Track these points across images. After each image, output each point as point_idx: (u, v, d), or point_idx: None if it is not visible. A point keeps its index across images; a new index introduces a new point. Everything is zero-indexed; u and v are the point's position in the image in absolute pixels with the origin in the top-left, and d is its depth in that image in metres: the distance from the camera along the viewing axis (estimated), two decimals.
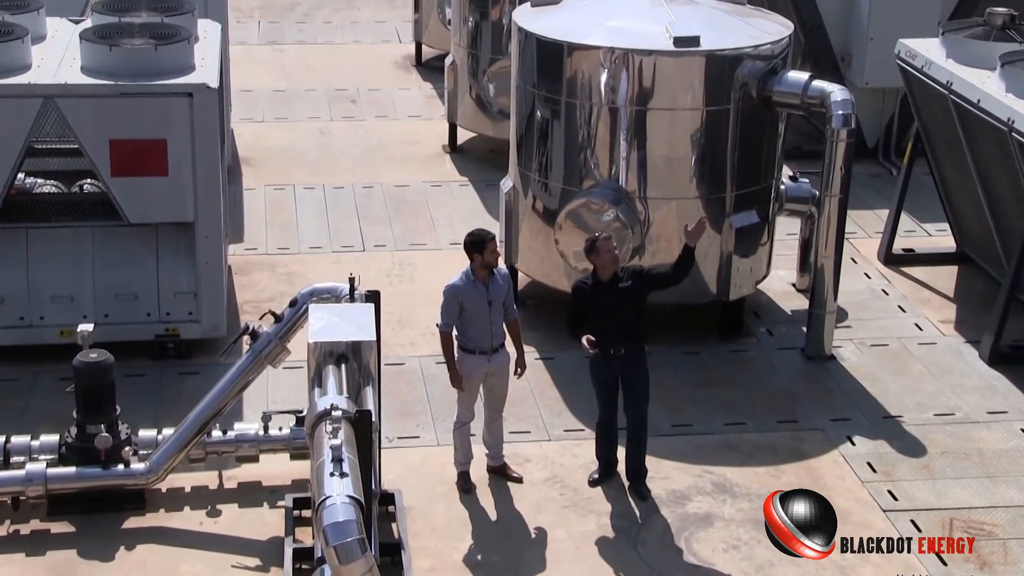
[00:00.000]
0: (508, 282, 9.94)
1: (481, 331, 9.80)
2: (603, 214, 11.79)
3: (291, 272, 13.65)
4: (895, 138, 16.94)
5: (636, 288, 9.78)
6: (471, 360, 9.88)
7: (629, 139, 11.81)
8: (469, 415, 10.08)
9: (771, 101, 11.98)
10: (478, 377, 9.94)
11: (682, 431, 11.09)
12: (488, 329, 9.81)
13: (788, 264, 13.83)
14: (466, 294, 9.74)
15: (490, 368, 9.91)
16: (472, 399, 10.05)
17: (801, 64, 16.28)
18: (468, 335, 9.84)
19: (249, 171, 16.35)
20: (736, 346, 12.48)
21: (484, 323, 9.78)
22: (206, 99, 11.24)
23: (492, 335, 9.83)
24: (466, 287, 9.75)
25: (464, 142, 17.39)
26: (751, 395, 11.66)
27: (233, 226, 14.24)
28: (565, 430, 11.06)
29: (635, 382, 9.94)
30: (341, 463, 7.48)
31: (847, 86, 12.85)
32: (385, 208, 15.40)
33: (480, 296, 9.74)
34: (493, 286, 9.79)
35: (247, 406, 10.99)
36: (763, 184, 12.33)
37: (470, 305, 9.75)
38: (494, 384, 10.03)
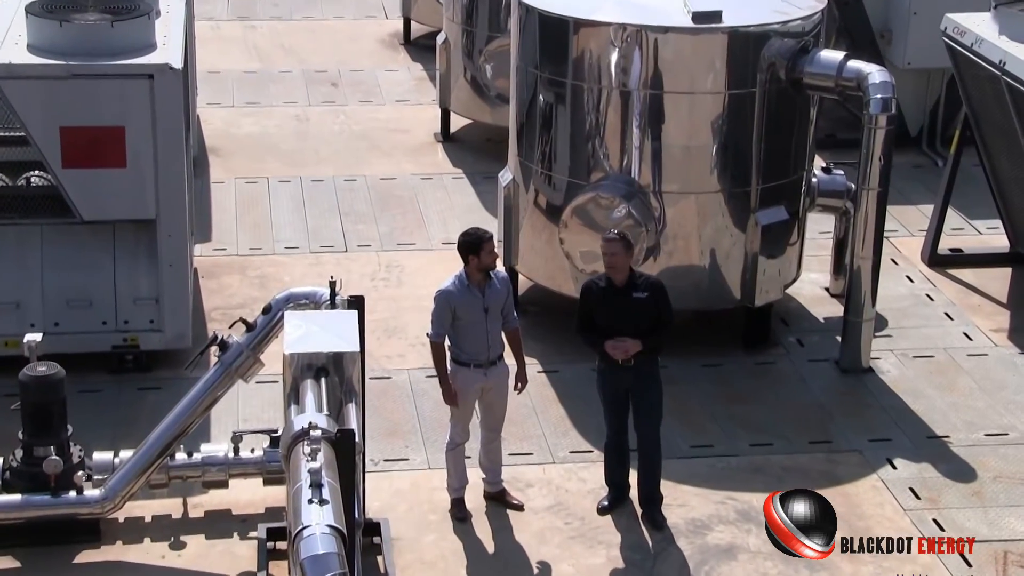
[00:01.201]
0: (507, 287, 9.95)
1: (477, 341, 9.81)
2: (613, 210, 11.81)
3: (264, 275, 13.66)
4: (941, 125, 16.96)
5: (649, 303, 9.80)
6: (465, 374, 9.90)
7: (642, 126, 11.82)
8: (463, 435, 10.09)
9: (801, 84, 12.00)
10: (473, 393, 9.97)
11: (702, 452, 11.10)
12: (484, 339, 9.82)
13: (821, 266, 13.84)
14: (460, 300, 9.75)
15: (487, 383, 9.93)
16: (467, 417, 10.07)
17: (835, 42, 16.30)
18: (462, 346, 9.85)
19: (217, 162, 16.37)
20: (762, 357, 12.50)
21: (480, 333, 9.79)
22: (169, 82, 11.26)
23: (489, 346, 9.84)
24: (459, 293, 9.76)
25: (458, 130, 17.40)
26: (779, 412, 11.67)
27: (199, 224, 14.25)
28: (571, 451, 11.07)
29: (646, 398, 9.96)
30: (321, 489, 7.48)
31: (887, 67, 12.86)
32: (370, 204, 15.41)
33: (475, 303, 9.76)
34: (490, 291, 9.80)
35: (215, 425, 10.99)
36: (792, 176, 12.35)
37: (464, 313, 9.76)
38: (491, 400, 10.05)
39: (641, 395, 9.95)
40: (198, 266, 13.57)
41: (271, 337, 9.69)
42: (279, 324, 9.55)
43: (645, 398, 9.96)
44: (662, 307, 9.87)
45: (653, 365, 9.95)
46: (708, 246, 12.09)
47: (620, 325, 9.81)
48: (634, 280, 9.86)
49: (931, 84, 16.80)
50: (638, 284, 9.85)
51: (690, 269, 12.11)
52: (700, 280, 12.16)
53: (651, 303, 9.81)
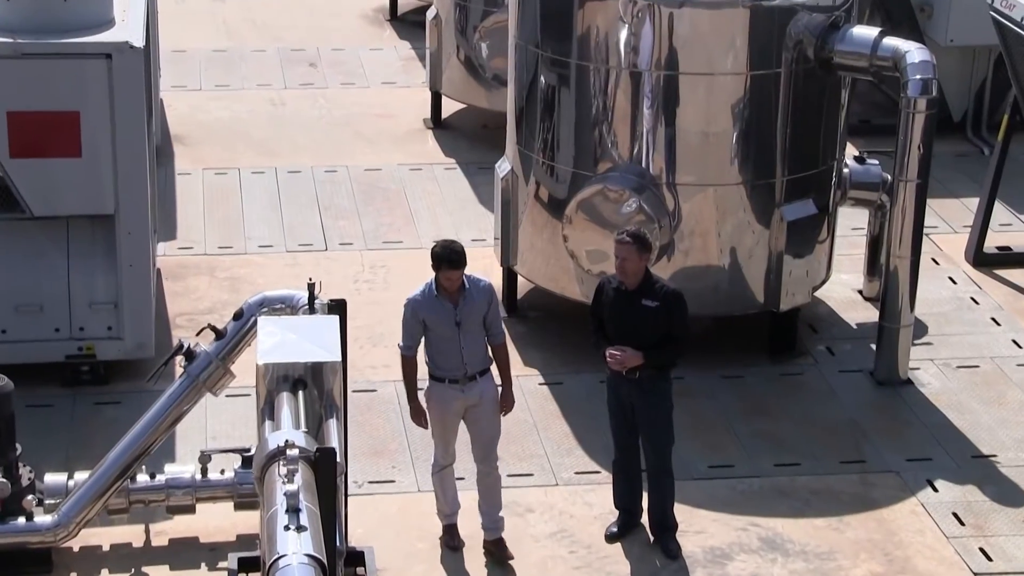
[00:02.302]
0: (489, 296, 9.83)
1: (450, 357, 9.76)
2: (622, 204, 11.82)
3: (235, 277, 13.67)
4: (987, 109, 16.97)
5: (660, 313, 9.79)
6: (441, 390, 9.84)
7: (655, 111, 11.84)
8: (447, 456, 10.07)
9: (832, 63, 12.02)
10: (452, 412, 9.89)
11: (721, 473, 11.11)
12: (458, 355, 9.76)
13: (853, 266, 13.85)
14: (428, 311, 9.71)
15: (467, 400, 9.85)
16: (449, 437, 10.02)
17: (870, 17, 16.31)
18: (436, 360, 9.82)
19: (183, 151, 16.37)
20: (788, 368, 12.51)
21: (452, 348, 9.74)
22: (129, 62, 11.27)
23: (465, 362, 9.78)
24: (427, 303, 9.72)
25: (450, 115, 17.41)
26: (807, 429, 11.68)
27: (163, 220, 14.26)
28: (576, 472, 11.08)
29: (650, 416, 9.95)
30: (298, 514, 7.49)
31: (927, 44, 12.89)
32: (352, 197, 15.42)
33: (445, 315, 9.70)
34: (465, 304, 9.70)
35: (181, 443, 11.00)
36: (822, 167, 12.37)
37: (435, 325, 9.73)
38: (475, 422, 9.94)
39: (644, 412, 9.95)
40: (162, 267, 13.58)
41: (243, 346, 9.70)
42: (252, 331, 9.55)
43: (649, 416, 9.95)
44: (675, 320, 9.86)
45: (661, 380, 9.94)
46: (728, 244, 12.10)
47: (624, 332, 9.83)
48: (648, 285, 9.85)
49: (976, 63, 16.81)
50: (651, 291, 9.83)
51: (708, 270, 12.12)
52: (719, 282, 12.17)
53: (662, 314, 9.80)
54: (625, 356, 9.73)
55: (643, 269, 9.86)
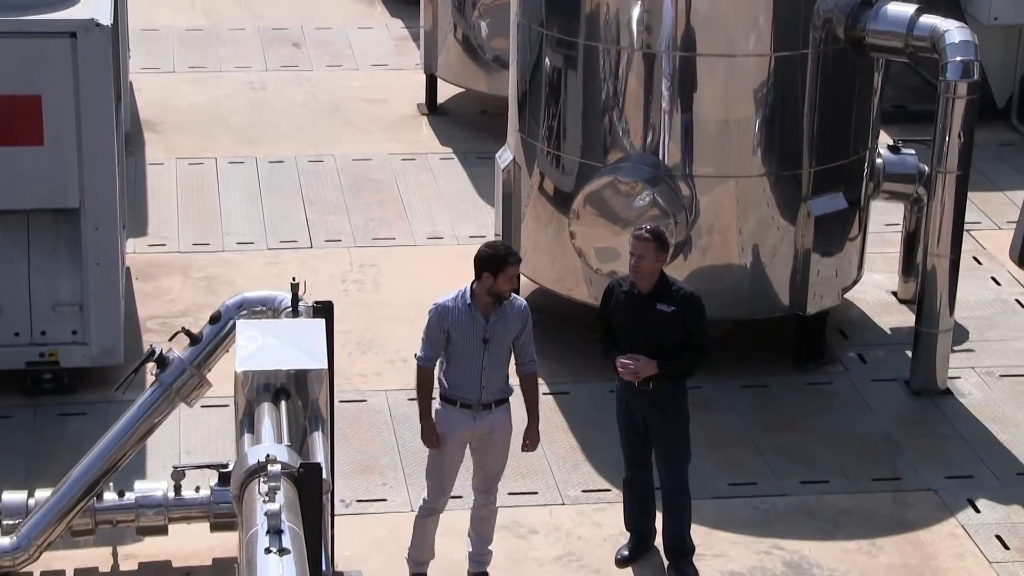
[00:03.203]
0: (525, 318, 9.69)
1: (468, 377, 9.65)
2: (635, 198, 11.83)
3: (212, 276, 13.69)
4: None
5: (675, 319, 9.77)
6: (450, 414, 9.71)
7: (671, 96, 11.85)
8: (440, 500, 9.87)
9: (864, 44, 12.03)
10: (458, 440, 9.76)
11: (743, 492, 11.12)
12: (477, 377, 9.65)
13: (887, 266, 13.86)
14: (456, 321, 9.58)
15: (476, 429, 9.74)
16: (448, 472, 9.83)
17: None
18: (451, 378, 9.68)
19: (155, 140, 16.39)
20: (816, 377, 12.52)
21: (472, 368, 9.64)
22: (95, 41, 11.28)
23: (482, 387, 9.67)
24: (458, 312, 9.59)
25: (447, 100, 17.41)
26: (837, 443, 11.69)
27: (133, 215, 14.27)
28: (584, 490, 11.09)
29: (664, 431, 9.94)
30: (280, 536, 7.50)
31: (968, 23, 12.90)
32: (340, 190, 15.43)
33: (474, 330, 9.58)
34: (498, 321, 9.58)
35: (152, 458, 11.01)
36: (853, 157, 12.38)
37: (459, 337, 9.59)
38: (484, 454, 9.84)
39: (659, 427, 9.94)
40: (131, 266, 13.58)
41: (220, 352, 9.71)
42: (230, 336, 9.56)
43: (663, 431, 9.94)
44: (692, 327, 9.84)
45: (677, 391, 9.93)
46: (750, 241, 12.11)
47: (636, 339, 9.82)
48: (664, 289, 9.83)
49: (1022, 44, 16.82)
50: (667, 294, 9.81)
51: (728, 269, 12.13)
52: (740, 283, 12.18)
53: (677, 319, 9.77)
54: (638, 365, 9.73)
55: (659, 270, 9.85)
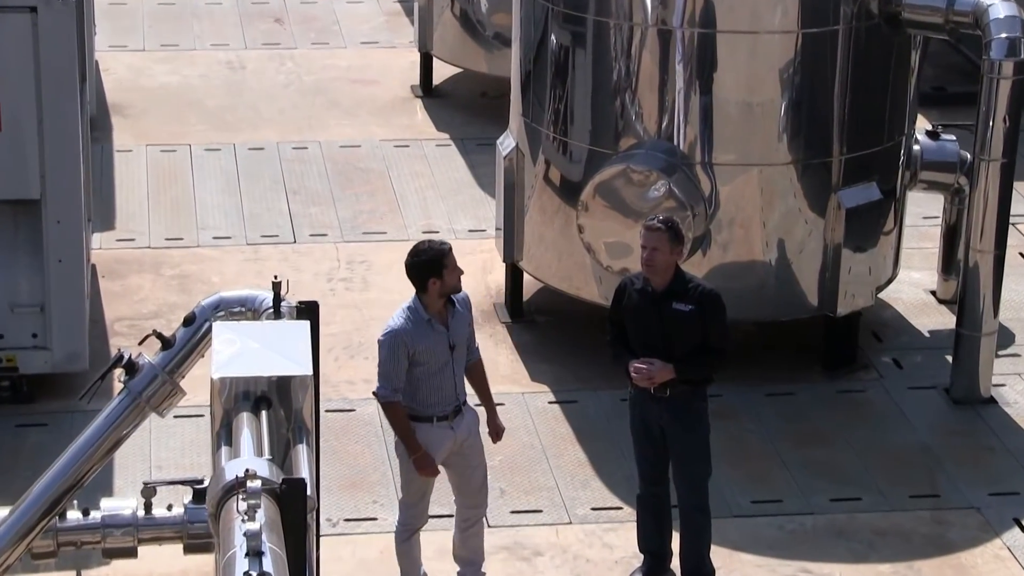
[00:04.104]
0: (470, 307, 9.90)
1: (442, 388, 9.73)
2: (649, 188, 11.84)
3: (186, 274, 13.70)
4: None
5: (693, 318, 9.75)
6: (430, 433, 9.75)
7: (689, 77, 11.86)
8: (420, 517, 9.96)
9: (900, 20, 12.04)
10: (440, 458, 9.82)
11: (768, 510, 11.13)
12: (452, 384, 9.75)
13: (925, 262, 13.87)
14: (418, 340, 9.64)
15: (456, 438, 9.81)
16: (425, 491, 9.90)
17: None
18: (422, 398, 9.73)
19: (123, 124, 16.40)
20: (848, 384, 12.53)
21: (446, 377, 9.71)
22: (57, 17, 11.28)
23: (457, 391, 9.79)
24: (417, 330, 9.66)
25: (443, 82, 17.42)
26: (870, 457, 11.70)
27: (99, 207, 14.28)
28: (593, 508, 11.10)
29: (682, 442, 9.94)
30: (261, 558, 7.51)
31: None
32: (326, 180, 15.44)
33: (439, 341, 9.66)
34: (455, 322, 9.71)
35: (120, 474, 11.03)
36: (887, 143, 12.39)
37: (425, 356, 9.66)
38: (465, 462, 9.88)
39: (676, 438, 9.93)
40: (97, 263, 13.59)
41: (195, 357, 9.71)
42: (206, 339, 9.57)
43: (681, 442, 9.93)
44: (711, 328, 9.82)
45: (695, 399, 9.92)
46: (775, 236, 12.12)
47: (651, 342, 9.81)
48: (680, 286, 9.82)
49: None
50: (684, 292, 9.80)
51: (751, 266, 12.14)
52: (764, 281, 12.19)
53: (695, 319, 9.75)
54: (653, 370, 9.72)
55: (674, 265, 9.84)
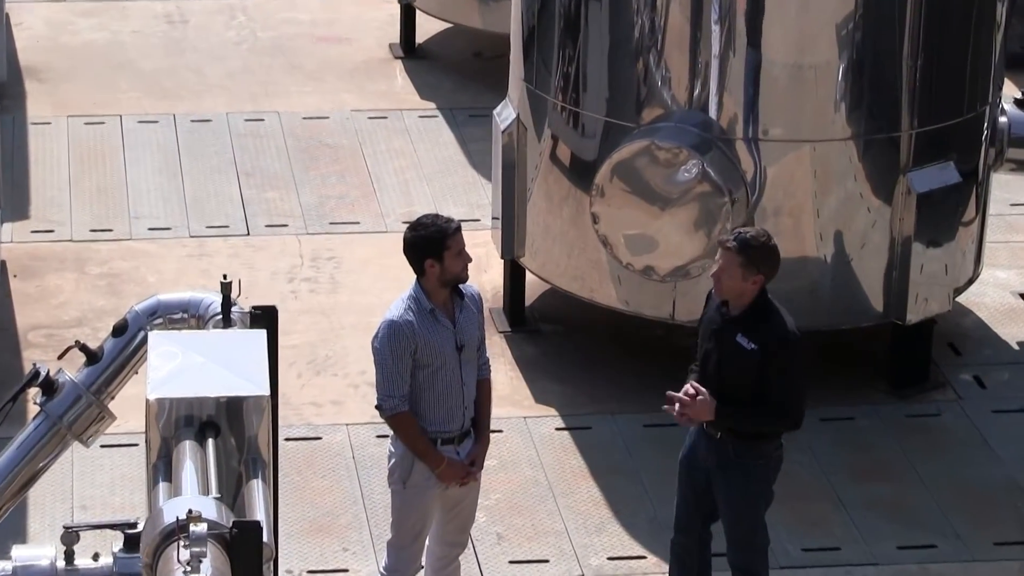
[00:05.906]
0: (481, 305, 9.87)
1: (448, 400, 9.68)
2: (678, 169, 11.84)
3: (116, 273, 13.71)
4: None
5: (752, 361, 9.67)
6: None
7: (727, 35, 11.86)
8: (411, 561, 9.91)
9: None
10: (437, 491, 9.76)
11: (822, 559, 11.14)
12: (459, 397, 9.69)
13: (1014, 259, 13.90)
14: (421, 336, 9.58)
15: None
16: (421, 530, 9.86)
17: None
18: (419, 411, 9.68)
19: (40, 91, 16.41)
20: (919, 407, 12.54)
21: (452, 384, 9.66)
22: None
23: (465, 406, 9.73)
24: (422, 324, 9.64)
25: (428, 39, 17.44)
26: (946, 495, 11.71)
27: (10, 192, 14.29)
28: (610, 557, 11.11)
29: (727, 495, 9.89)
30: None
31: None
32: (286, 158, 15.45)
33: (444, 338, 9.62)
34: (463, 317, 9.70)
35: (35, 515, 11.06)
36: (968, 114, 12.40)
37: (428, 356, 9.60)
38: (460, 496, 9.86)
39: (719, 489, 9.83)
40: (7, 259, 13.60)
41: (127, 373, 9.72)
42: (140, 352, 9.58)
43: (724, 496, 9.83)
44: (772, 377, 9.71)
45: (748, 452, 9.77)
46: (831, 227, 12.13)
47: (707, 370, 9.75)
48: (754, 318, 9.69)
49: None
50: (755, 327, 9.68)
51: (802, 264, 12.14)
52: (818, 282, 12.20)
53: (754, 362, 9.66)
54: (692, 406, 9.65)
55: (748, 292, 9.70)
